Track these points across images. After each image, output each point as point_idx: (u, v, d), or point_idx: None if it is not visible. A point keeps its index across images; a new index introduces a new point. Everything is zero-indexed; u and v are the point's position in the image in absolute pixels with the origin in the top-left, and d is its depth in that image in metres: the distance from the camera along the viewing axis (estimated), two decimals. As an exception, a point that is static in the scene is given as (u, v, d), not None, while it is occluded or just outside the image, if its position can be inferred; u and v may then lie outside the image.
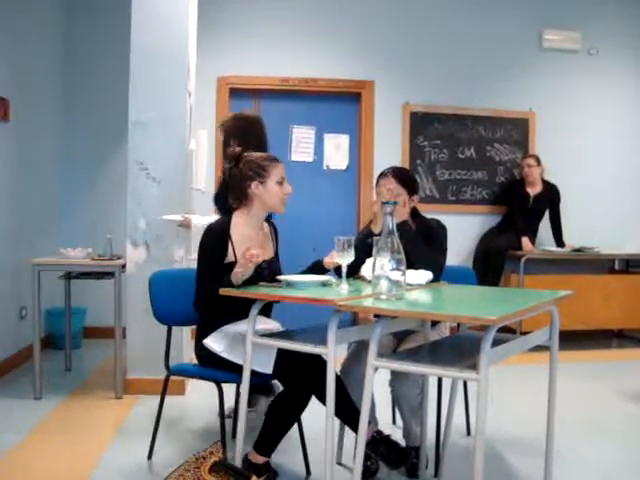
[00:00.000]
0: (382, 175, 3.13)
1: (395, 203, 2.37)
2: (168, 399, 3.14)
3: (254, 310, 2.59)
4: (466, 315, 1.98)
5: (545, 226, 6.35)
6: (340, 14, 6.26)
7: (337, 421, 2.91)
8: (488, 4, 6.47)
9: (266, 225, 3.08)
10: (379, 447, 2.74)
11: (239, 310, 2.67)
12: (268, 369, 2.68)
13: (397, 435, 3.14)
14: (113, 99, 5.59)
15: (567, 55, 6.63)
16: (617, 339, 6.46)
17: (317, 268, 2.93)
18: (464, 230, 6.30)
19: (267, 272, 2.87)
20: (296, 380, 2.68)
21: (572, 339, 5.70)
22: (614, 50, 6.72)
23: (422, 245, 2.95)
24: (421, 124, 6.39)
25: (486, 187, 6.53)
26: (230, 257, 2.79)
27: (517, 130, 6.57)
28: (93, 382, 4.52)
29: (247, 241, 2.82)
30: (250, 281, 2.67)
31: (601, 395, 4.47)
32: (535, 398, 2.85)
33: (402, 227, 2.84)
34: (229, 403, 3.37)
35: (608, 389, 4.59)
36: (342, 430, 3.18)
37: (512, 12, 6.51)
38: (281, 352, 2.68)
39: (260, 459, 2.73)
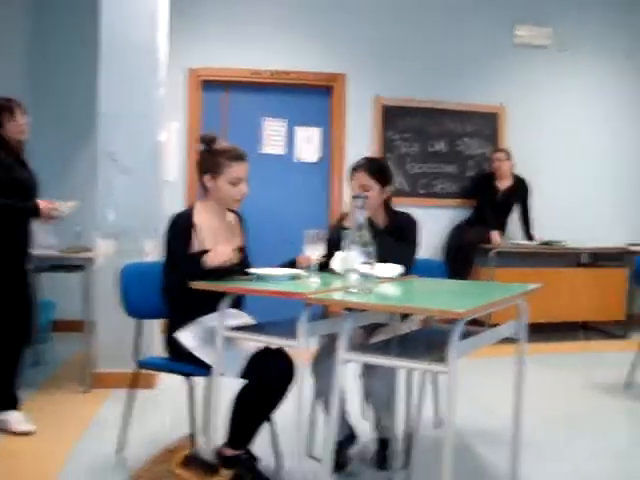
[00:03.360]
0: (354, 168, 3.13)
1: (365, 197, 2.37)
2: (138, 393, 3.12)
3: (224, 304, 2.58)
4: (434, 308, 1.99)
5: (515, 220, 6.42)
6: (312, 7, 6.24)
7: (307, 416, 2.92)
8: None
9: (233, 215, 3.05)
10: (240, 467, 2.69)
11: (210, 302, 2.65)
12: (236, 373, 2.66)
13: (367, 426, 3.17)
14: (82, 90, 5.52)
15: (538, 50, 6.69)
16: (584, 331, 6.55)
17: (292, 266, 2.91)
18: (434, 223, 6.34)
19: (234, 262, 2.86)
20: (264, 376, 2.67)
21: (540, 331, 5.78)
22: (584, 46, 6.79)
23: (392, 239, 2.97)
24: (392, 117, 6.41)
25: (456, 181, 6.58)
26: (194, 246, 2.77)
27: (487, 124, 6.62)
28: (62, 376, 4.48)
29: (211, 230, 2.81)
30: (219, 273, 2.67)
31: (568, 386, 4.54)
32: (503, 390, 2.88)
33: (373, 221, 2.85)
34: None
35: (575, 380, 4.66)
36: (313, 423, 3.19)
37: (485, 7, 6.55)
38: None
39: (230, 452, 2.73)
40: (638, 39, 6.91)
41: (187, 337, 2.78)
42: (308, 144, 6.34)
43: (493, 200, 6.27)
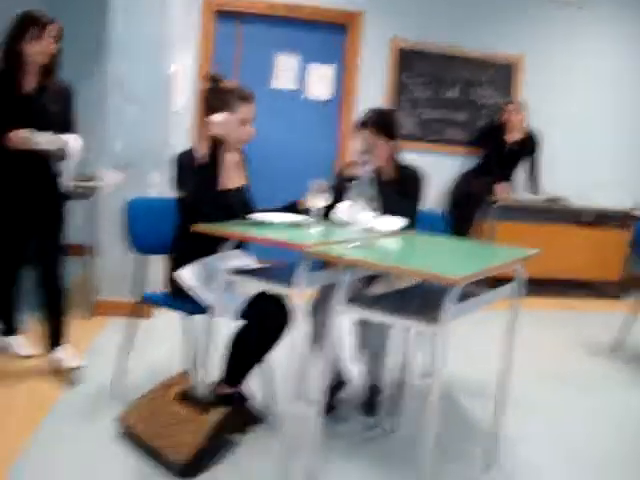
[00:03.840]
0: (362, 123, 3.10)
1: (370, 154, 2.38)
2: (137, 323, 3.18)
3: (225, 247, 2.62)
4: (430, 272, 2.02)
5: (521, 174, 6.39)
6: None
7: (301, 360, 3.00)
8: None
9: (237, 154, 3.05)
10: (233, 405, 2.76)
11: (213, 242, 2.68)
12: (234, 315, 2.72)
13: (359, 371, 3.25)
14: (92, 13, 5.41)
15: (558, 5, 6.53)
16: (579, 289, 6.60)
17: (293, 209, 2.94)
18: (443, 170, 6.31)
19: (237, 200, 2.89)
20: (261, 319, 2.72)
21: (536, 286, 5.83)
22: (604, 4, 6.64)
23: (394, 195, 2.97)
24: (407, 60, 6.31)
25: (468, 129, 6.52)
26: None
27: (503, 74, 6.52)
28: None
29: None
30: (221, 213, 2.70)
31: (559, 344, 4.62)
32: (494, 343, 2.94)
33: (379, 173, 2.86)
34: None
35: (566, 338, 4.75)
36: (306, 366, 3.26)
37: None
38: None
39: (227, 390, 2.80)
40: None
41: (188, 276, 2.82)
42: (320, 82, 6.27)
43: (500, 152, 6.22)
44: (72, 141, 3.18)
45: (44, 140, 3.05)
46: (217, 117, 2.76)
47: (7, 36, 3.01)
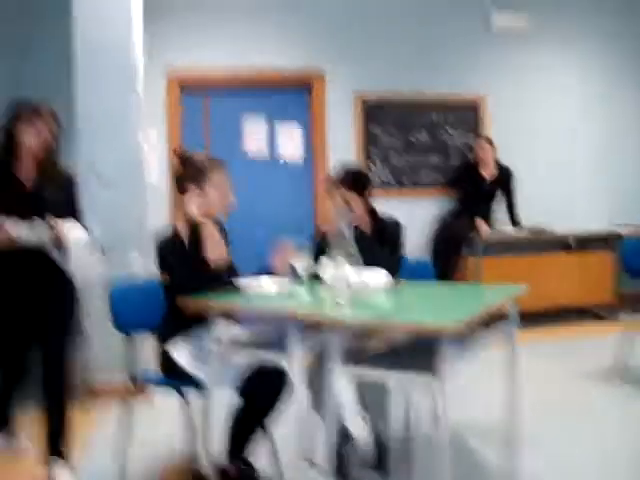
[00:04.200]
0: (334, 182, 3.13)
1: (349, 211, 2.38)
2: (134, 405, 3.10)
3: (214, 321, 2.59)
4: (421, 324, 2.00)
5: (500, 207, 6.43)
6: (289, 5, 6.20)
7: (305, 423, 2.94)
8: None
9: (212, 225, 3.04)
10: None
11: (202, 314, 2.65)
12: (231, 384, 2.69)
13: (364, 430, 3.18)
14: (58, 96, 5.41)
15: (515, 37, 6.69)
16: (574, 315, 6.59)
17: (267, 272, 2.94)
18: (421, 215, 6.36)
19: (224, 272, 2.87)
20: (259, 394, 2.68)
21: (530, 317, 5.81)
22: (561, 30, 6.82)
23: (376, 247, 2.97)
24: (373, 112, 6.41)
25: (440, 171, 6.58)
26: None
27: (469, 114, 6.62)
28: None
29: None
30: (211, 286, 2.68)
31: (561, 373, 4.58)
32: (498, 381, 2.90)
33: (357, 230, 2.86)
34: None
35: (567, 367, 4.70)
36: (311, 431, 3.20)
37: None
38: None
39: (231, 465, 2.74)
40: (617, 21, 6.92)
41: (180, 353, 2.78)
42: (290, 142, 6.32)
43: (478, 189, 6.28)
44: (70, 230, 2.92)
45: (28, 231, 2.77)
46: (192, 199, 2.76)
47: (3, 125, 2.92)
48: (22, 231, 2.77)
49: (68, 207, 3.02)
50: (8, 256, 2.86)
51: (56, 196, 2.96)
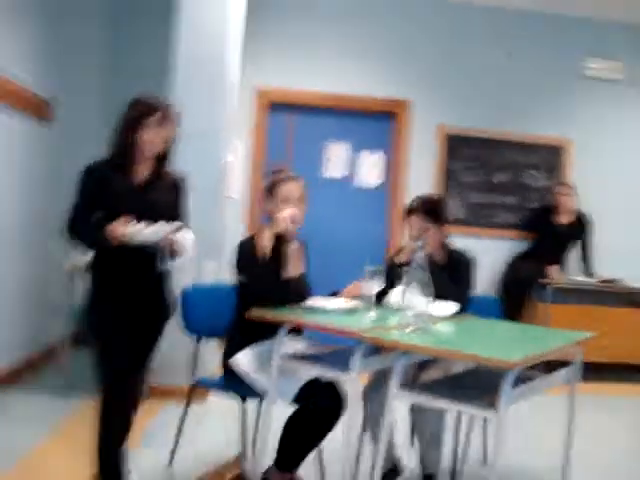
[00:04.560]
0: (411, 210, 3.17)
1: (424, 240, 2.43)
2: (190, 408, 3.20)
3: (281, 333, 2.66)
4: (486, 357, 2.02)
5: (574, 256, 6.34)
6: (380, 34, 6.30)
7: (354, 446, 2.97)
8: (531, 29, 6.49)
9: (296, 242, 3.12)
10: None
11: (269, 326, 2.72)
12: (289, 399, 2.74)
13: (414, 459, 3.19)
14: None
15: (607, 85, 6.61)
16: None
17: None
18: (493, 254, 6.30)
19: (297, 288, 2.94)
20: (315, 405, 2.73)
21: (598, 371, 5.69)
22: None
23: (447, 279, 3.00)
24: (455, 146, 6.42)
25: (517, 212, 6.53)
26: None
27: (552, 157, 6.56)
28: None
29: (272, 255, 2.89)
30: (281, 296, 2.77)
31: (622, 430, 4.46)
32: (555, 429, 2.87)
33: (430, 260, 2.89)
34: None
35: (630, 424, 4.58)
36: (360, 452, 3.23)
37: (555, 39, 6.51)
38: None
39: (279, 476, 2.79)
40: None
41: (243, 360, 2.86)
42: (370, 169, 6.40)
43: (552, 234, 6.20)
44: (183, 236, 2.73)
45: (145, 233, 2.61)
46: (284, 213, 2.85)
47: (120, 124, 2.78)
48: (138, 232, 2.62)
49: (177, 210, 2.92)
50: (121, 257, 2.73)
51: (167, 198, 2.88)
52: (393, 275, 2.93)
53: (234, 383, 2.92)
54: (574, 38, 6.54)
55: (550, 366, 2.58)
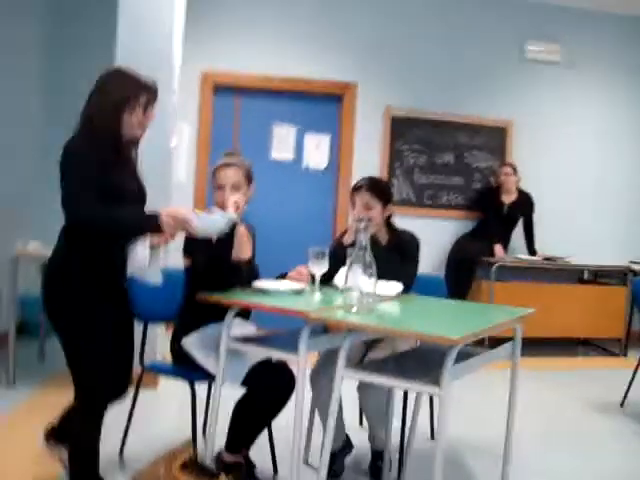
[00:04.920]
0: (356, 188, 3.20)
1: (368, 219, 2.47)
2: (141, 393, 3.20)
3: (229, 315, 2.67)
4: (429, 334, 2.08)
5: (518, 234, 6.49)
6: (325, 17, 6.31)
7: (305, 423, 3.02)
8: (472, 14, 6.58)
9: (243, 226, 3.12)
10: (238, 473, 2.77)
11: (217, 310, 2.72)
12: (238, 382, 2.75)
13: (363, 436, 3.26)
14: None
15: (547, 67, 6.75)
16: (582, 348, 6.62)
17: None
18: (440, 234, 6.41)
19: (245, 274, 2.95)
20: (264, 386, 2.76)
21: (539, 346, 5.86)
22: (592, 63, 6.86)
23: (392, 259, 3.05)
24: (401, 128, 6.49)
25: (462, 193, 6.65)
26: None
27: (495, 138, 6.69)
28: (66, 371, 4.55)
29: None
30: (228, 284, 2.77)
31: (564, 403, 4.61)
32: (498, 404, 2.96)
33: (375, 239, 2.94)
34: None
35: (571, 397, 4.73)
36: (310, 431, 3.28)
37: (496, 23, 6.62)
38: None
39: (229, 458, 2.81)
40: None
41: (192, 344, 2.86)
42: (317, 151, 6.42)
43: (498, 214, 6.34)
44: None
45: (215, 223, 2.51)
46: (234, 197, 2.85)
47: (104, 100, 2.54)
48: (210, 222, 2.51)
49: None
50: (110, 252, 2.56)
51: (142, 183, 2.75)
52: (340, 256, 2.96)
53: (183, 367, 2.92)
54: (514, 21, 6.67)
55: (494, 344, 2.66)
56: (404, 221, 3.97)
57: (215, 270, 2.78)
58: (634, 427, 4.14)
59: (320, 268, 2.74)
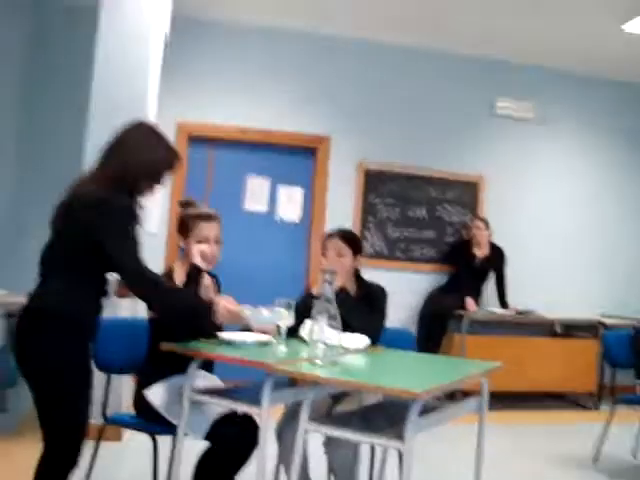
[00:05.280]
0: (329, 236, 3.24)
1: (334, 272, 2.46)
2: (104, 445, 3.12)
3: (192, 366, 2.63)
4: (392, 387, 2.05)
5: (490, 288, 6.51)
6: (300, 71, 6.42)
7: (270, 478, 2.95)
8: (444, 70, 6.72)
9: (208, 277, 3.11)
10: None
11: (180, 361, 2.68)
12: (201, 435, 2.70)
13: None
14: (69, 148, 5.26)
15: (518, 123, 6.89)
16: (555, 401, 6.59)
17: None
18: (411, 287, 6.43)
19: (208, 318, 2.92)
20: (227, 441, 2.70)
21: (510, 400, 5.83)
22: (564, 120, 7.02)
23: (360, 311, 3.04)
24: (375, 182, 6.55)
25: (434, 246, 6.69)
26: None
27: (467, 192, 6.77)
28: (27, 425, 4.44)
29: None
30: (191, 334, 2.73)
31: (536, 457, 4.56)
32: (466, 459, 2.92)
33: (342, 292, 2.93)
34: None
35: (543, 451, 4.69)
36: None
37: (467, 79, 6.78)
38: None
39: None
40: (619, 115, 7.13)
41: (155, 395, 2.81)
42: (290, 203, 6.45)
43: (470, 267, 6.37)
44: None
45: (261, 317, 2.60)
46: (198, 248, 2.84)
47: (143, 159, 2.52)
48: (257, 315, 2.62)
49: None
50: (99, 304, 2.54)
51: None
52: (308, 307, 2.94)
53: (147, 419, 2.86)
54: (486, 79, 6.82)
55: (463, 398, 2.64)
56: (376, 274, 3.99)
57: (179, 314, 2.73)
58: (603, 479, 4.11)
59: (285, 320, 2.71)
